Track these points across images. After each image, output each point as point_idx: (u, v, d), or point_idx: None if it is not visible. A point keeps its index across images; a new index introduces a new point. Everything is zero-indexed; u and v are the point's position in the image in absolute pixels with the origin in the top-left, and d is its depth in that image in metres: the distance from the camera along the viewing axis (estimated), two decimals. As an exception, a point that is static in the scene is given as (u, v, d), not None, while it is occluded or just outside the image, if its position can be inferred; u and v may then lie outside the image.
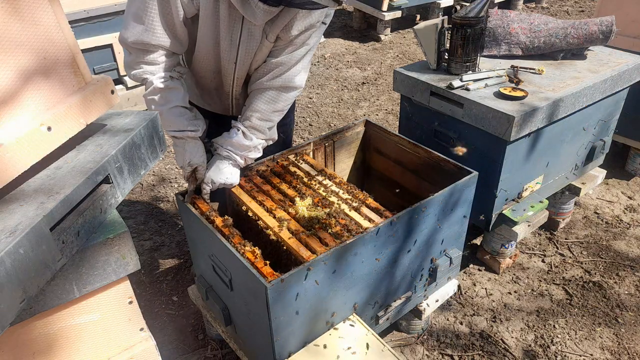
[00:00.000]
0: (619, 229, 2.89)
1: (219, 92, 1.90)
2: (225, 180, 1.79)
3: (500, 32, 2.45)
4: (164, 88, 1.66)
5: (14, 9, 1.15)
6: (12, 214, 1.12)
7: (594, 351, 2.17)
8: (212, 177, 1.78)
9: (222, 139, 1.81)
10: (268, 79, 1.74)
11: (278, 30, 1.64)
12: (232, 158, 1.80)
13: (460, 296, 2.45)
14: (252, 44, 1.65)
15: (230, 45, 1.65)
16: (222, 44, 1.65)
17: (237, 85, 1.83)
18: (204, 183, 1.78)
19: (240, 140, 1.78)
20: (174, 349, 2.20)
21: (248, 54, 1.68)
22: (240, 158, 1.81)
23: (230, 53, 1.68)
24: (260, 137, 1.83)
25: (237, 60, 1.70)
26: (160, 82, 1.65)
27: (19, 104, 1.19)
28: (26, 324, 1.27)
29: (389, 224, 1.62)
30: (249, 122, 1.79)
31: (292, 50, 1.71)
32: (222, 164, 1.80)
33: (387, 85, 4.74)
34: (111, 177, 1.40)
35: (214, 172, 1.78)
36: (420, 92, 2.30)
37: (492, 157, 2.12)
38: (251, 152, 1.82)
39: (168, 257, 2.71)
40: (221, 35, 1.62)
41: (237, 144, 1.78)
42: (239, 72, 1.77)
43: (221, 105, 1.96)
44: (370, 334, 1.63)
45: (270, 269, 1.49)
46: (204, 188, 1.78)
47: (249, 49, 1.67)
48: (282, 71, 1.73)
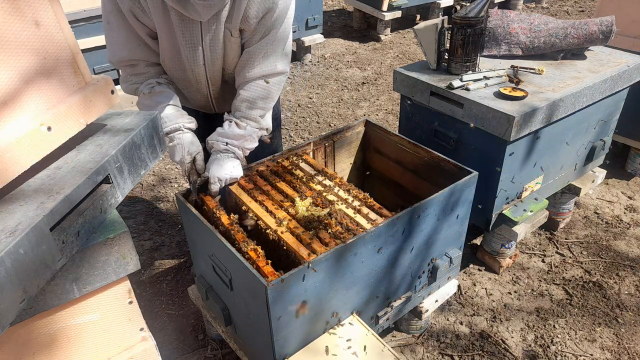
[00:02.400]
0: (619, 229, 2.89)
1: (198, 93, 1.92)
2: (230, 174, 1.78)
3: (500, 32, 2.45)
4: (152, 92, 1.75)
5: (14, 9, 1.15)
6: (12, 214, 1.12)
7: (594, 351, 2.17)
8: (216, 174, 1.76)
9: (215, 134, 1.82)
10: (248, 70, 1.76)
11: (237, 23, 1.65)
12: (230, 150, 1.79)
13: (460, 296, 2.45)
14: (215, 43, 1.67)
15: (193, 49, 1.68)
16: (182, 50, 1.69)
17: (213, 85, 1.86)
18: (211, 183, 1.76)
19: (234, 130, 1.79)
20: (174, 349, 2.20)
21: (214, 53, 1.71)
22: (238, 149, 1.80)
23: (195, 56, 1.71)
24: (254, 126, 1.83)
25: (204, 62, 1.74)
26: (147, 88, 1.76)
27: (19, 104, 1.19)
28: (26, 324, 1.27)
29: (389, 224, 1.62)
30: (239, 112, 1.81)
31: (261, 37, 1.71)
32: (221, 159, 1.79)
33: (387, 85, 4.74)
34: (111, 177, 1.40)
35: (216, 168, 1.77)
36: (420, 92, 2.30)
37: (492, 157, 2.12)
38: (247, 141, 1.82)
39: (168, 257, 2.71)
40: (179, 42, 1.66)
41: (232, 135, 1.79)
42: (211, 73, 1.80)
43: (203, 103, 1.99)
44: (370, 334, 1.63)
45: (272, 268, 1.49)
46: (212, 188, 1.76)
47: (214, 49, 1.69)
48: (258, 60, 1.74)
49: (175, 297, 2.46)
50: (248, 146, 1.83)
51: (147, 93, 1.75)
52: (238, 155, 1.82)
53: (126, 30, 1.67)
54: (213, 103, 1.97)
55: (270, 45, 1.73)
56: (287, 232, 1.64)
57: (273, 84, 1.81)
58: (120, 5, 1.60)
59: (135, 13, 1.62)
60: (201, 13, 1.52)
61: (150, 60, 1.77)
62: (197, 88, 1.87)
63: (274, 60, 1.76)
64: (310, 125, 4.10)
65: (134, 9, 1.60)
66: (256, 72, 1.76)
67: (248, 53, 1.74)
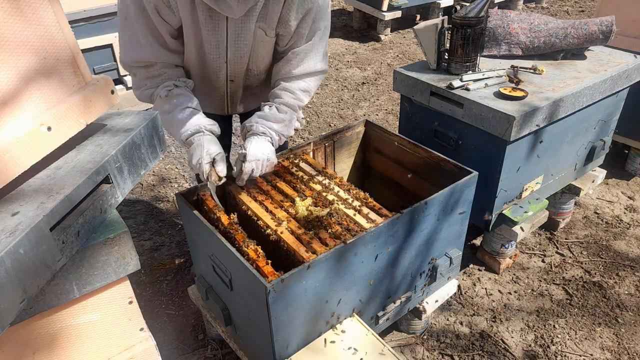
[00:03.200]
0: (619, 229, 2.89)
1: (215, 91, 1.88)
2: (268, 156, 1.69)
3: (500, 32, 2.45)
4: (170, 95, 1.65)
5: (14, 9, 1.15)
6: (12, 214, 1.12)
7: (594, 351, 2.17)
8: (255, 154, 1.65)
9: (255, 117, 1.74)
10: (293, 68, 1.75)
11: (273, 23, 1.63)
12: (268, 134, 1.71)
13: (460, 296, 2.45)
14: (241, 41, 1.64)
15: (217, 47, 1.65)
16: (206, 47, 1.65)
17: (232, 83, 1.82)
18: (247, 160, 1.65)
19: (275, 115, 1.73)
20: (174, 349, 2.20)
21: (239, 50, 1.67)
22: (275, 134, 1.73)
23: (218, 54, 1.67)
24: (292, 115, 1.79)
25: (227, 59, 1.70)
26: (164, 91, 1.65)
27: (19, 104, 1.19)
28: (26, 324, 1.27)
29: (389, 224, 1.62)
30: (280, 99, 1.77)
31: (306, 39, 1.70)
32: (260, 140, 1.69)
33: (387, 85, 4.74)
34: (111, 177, 1.40)
35: (255, 148, 1.66)
36: (420, 92, 2.30)
37: (492, 157, 2.12)
38: (286, 127, 1.76)
39: (168, 257, 2.71)
40: (204, 39, 1.62)
41: (273, 118, 1.72)
42: (232, 71, 1.76)
43: (218, 103, 1.95)
44: (370, 334, 1.63)
45: (272, 268, 1.49)
46: (247, 166, 1.65)
47: (239, 46, 1.66)
48: (303, 59, 1.74)
49: (175, 297, 2.46)
50: (285, 133, 1.77)
51: (164, 96, 1.65)
52: (274, 141, 1.74)
53: (146, 28, 1.58)
54: (228, 103, 1.93)
55: (316, 46, 1.74)
56: (287, 232, 1.64)
57: (313, 80, 1.82)
58: (145, 1, 1.53)
59: (160, 10, 1.55)
60: (234, 9, 1.48)
61: (168, 61, 1.68)
62: (216, 86, 1.83)
63: (317, 60, 1.77)
64: (310, 125, 4.10)
65: (159, 5, 1.54)
66: (299, 71, 1.76)
67: (293, 53, 1.73)
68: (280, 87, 1.79)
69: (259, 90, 1.98)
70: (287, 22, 1.63)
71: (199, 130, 1.64)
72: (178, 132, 1.66)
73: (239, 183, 1.73)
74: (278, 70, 1.80)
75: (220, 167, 1.64)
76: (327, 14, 1.71)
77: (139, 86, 1.70)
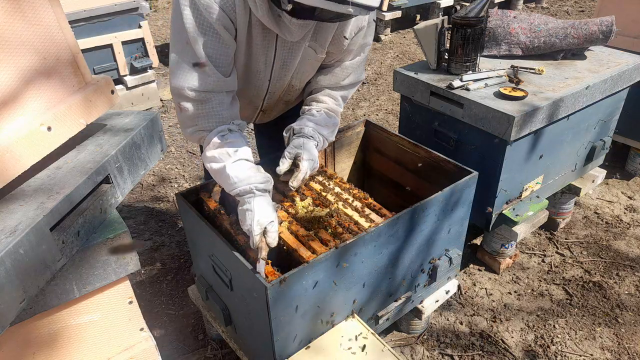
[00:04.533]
0: (619, 229, 2.89)
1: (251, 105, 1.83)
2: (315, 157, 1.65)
3: (500, 32, 2.45)
4: (223, 143, 1.50)
5: (15, 9, 1.15)
6: (12, 214, 1.12)
7: (594, 351, 2.17)
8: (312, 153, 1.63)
9: (304, 119, 1.71)
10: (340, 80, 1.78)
11: (326, 42, 1.62)
12: (316, 138, 1.68)
13: (460, 296, 2.45)
14: (290, 60, 1.62)
15: (265, 65, 1.61)
16: (254, 65, 1.60)
17: (269, 99, 1.80)
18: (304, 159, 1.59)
19: (325, 119, 1.73)
20: (174, 349, 2.20)
21: (285, 69, 1.66)
22: (322, 139, 1.71)
23: (265, 72, 1.63)
24: (336, 121, 1.79)
25: (271, 77, 1.66)
26: (218, 137, 1.51)
27: (20, 104, 1.19)
28: (26, 324, 1.28)
29: (389, 224, 1.62)
30: (324, 104, 1.77)
31: (355, 55, 1.73)
32: (308, 143, 1.65)
33: (387, 85, 4.74)
34: (111, 177, 1.40)
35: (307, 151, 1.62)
36: (420, 92, 2.30)
37: (492, 157, 2.12)
38: (332, 133, 1.77)
39: (168, 257, 2.71)
40: (254, 58, 1.57)
41: (322, 122, 1.71)
42: (273, 88, 1.73)
43: (249, 114, 1.91)
44: (370, 334, 1.63)
45: (272, 267, 1.49)
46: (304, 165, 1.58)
47: (286, 65, 1.64)
48: (352, 72, 1.78)
49: (175, 297, 2.46)
50: (330, 138, 1.76)
51: (219, 142, 1.50)
52: (319, 146, 1.70)
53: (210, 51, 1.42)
54: (258, 115, 1.93)
55: (363, 59, 1.79)
56: (287, 232, 1.64)
57: (354, 89, 1.87)
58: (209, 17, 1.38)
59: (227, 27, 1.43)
60: (294, 33, 1.45)
61: (227, 90, 1.52)
62: (253, 101, 1.79)
63: (360, 71, 1.82)
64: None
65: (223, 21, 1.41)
66: (347, 82, 1.79)
67: (342, 67, 1.75)
68: (323, 92, 1.79)
69: (291, 102, 1.98)
70: (340, 42, 1.64)
71: (249, 191, 1.47)
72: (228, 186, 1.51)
73: (295, 184, 1.59)
74: (323, 80, 1.79)
75: (271, 237, 1.46)
76: (373, 29, 1.73)
77: (189, 125, 1.53)
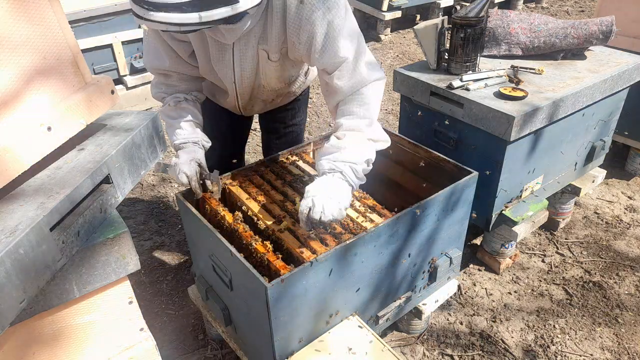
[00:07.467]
0: (619, 229, 2.89)
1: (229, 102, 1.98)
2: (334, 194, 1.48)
3: (500, 32, 2.45)
4: (177, 107, 1.77)
5: (15, 9, 1.15)
6: (12, 214, 1.12)
7: (594, 351, 2.17)
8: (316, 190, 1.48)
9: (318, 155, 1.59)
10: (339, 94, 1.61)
11: (275, 46, 1.61)
12: (337, 169, 1.51)
13: (460, 296, 2.45)
14: (245, 63, 1.69)
15: (225, 68, 1.71)
16: (216, 67, 1.73)
17: (241, 98, 1.89)
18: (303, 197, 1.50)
19: (336, 144, 1.54)
20: (174, 349, 2.20)
21: (244, 72, 1.73)
22: (347, 166, 1.51)
23: (226, 74, 1.75)
24: (358, 136, 1.56)
25: (234, 79, 1.76)
26: (173, 101, 1.77)
27: (20, 104, 1.19)
28: (26, 324, 1.28)
29: (389, 224, 1.62)
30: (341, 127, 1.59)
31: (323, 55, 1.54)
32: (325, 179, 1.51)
33: (387, 85, 4.74)
34: (111, 177, 1.40)
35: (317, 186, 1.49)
36: (420, 92, 2.30)
37: (492, 157, 2.12)
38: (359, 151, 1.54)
39: (168, 257, 2.71)
40: (213, 61, 1.70)
41: (334, 149, 1.54)
42: (242, 89, 1.82)
43: (231, 108, 2.03)
44: (370, 333, 1.63)
45: (283, 262, 1.49)
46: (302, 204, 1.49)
47: (244, 68, 1.71)
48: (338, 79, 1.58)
49: (175, 297, 2.46)
50: (358, 158, 1.53)
51: (172, 105, 1.77)
52: (348, 177, 1.51)
53: (161, 45, 1.69)
54: (240, 110, 2.00)
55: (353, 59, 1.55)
56: (287, 231, 1.64)
57: (368, 90, 1.61)
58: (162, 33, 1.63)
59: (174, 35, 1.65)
60: (226, 36, 1.54)
61: (184, 72, 1.78)
62: (229, 100, 1.93)
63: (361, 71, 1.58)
64: (310, 125, 4.09)
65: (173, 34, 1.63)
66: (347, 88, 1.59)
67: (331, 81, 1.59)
68: (338, 112, 1.63)
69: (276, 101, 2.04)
70: (294, 47, 1.58)
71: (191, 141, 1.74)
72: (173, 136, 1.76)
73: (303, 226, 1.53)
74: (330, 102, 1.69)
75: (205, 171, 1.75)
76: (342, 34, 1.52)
77: (156, 86, 1.82)
